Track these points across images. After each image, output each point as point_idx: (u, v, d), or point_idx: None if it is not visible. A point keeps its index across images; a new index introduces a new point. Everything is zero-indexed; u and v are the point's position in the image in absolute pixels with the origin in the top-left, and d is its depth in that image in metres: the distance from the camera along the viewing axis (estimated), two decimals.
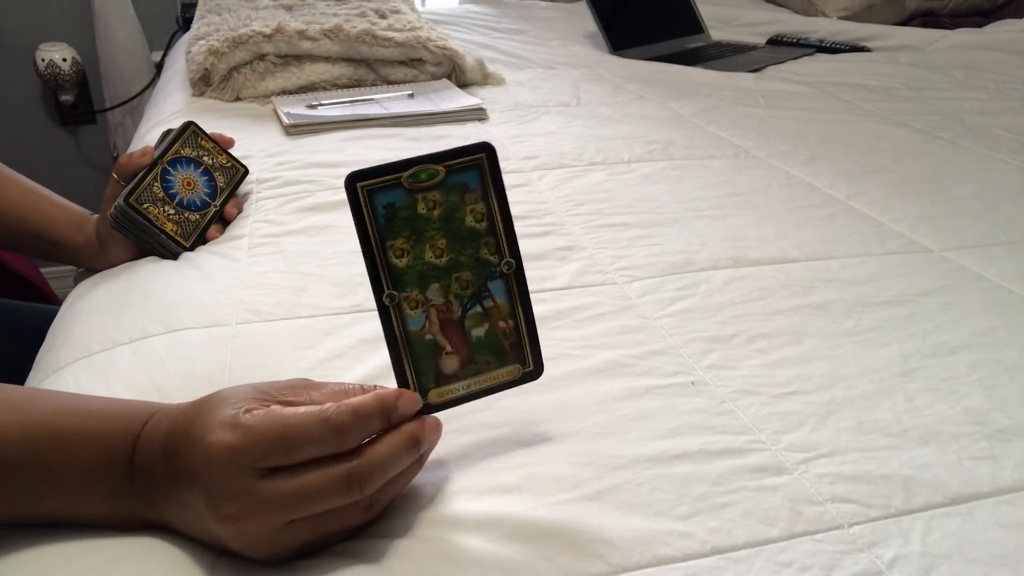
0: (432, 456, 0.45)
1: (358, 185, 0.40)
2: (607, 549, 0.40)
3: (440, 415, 0.43)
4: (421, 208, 0.42)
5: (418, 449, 0.40)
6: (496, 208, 0.43)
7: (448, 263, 0.42)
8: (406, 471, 0.41)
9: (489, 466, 0.45)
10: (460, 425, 0.48)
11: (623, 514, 0.42)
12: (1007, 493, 0.45)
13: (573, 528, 0.41)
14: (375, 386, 0.42)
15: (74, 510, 0.40)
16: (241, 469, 0.36)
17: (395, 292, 0.42)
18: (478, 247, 0.43)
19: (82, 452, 0.40)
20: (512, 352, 0.45)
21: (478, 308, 0.44)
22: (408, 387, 0.42)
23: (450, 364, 0.43)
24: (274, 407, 0.38)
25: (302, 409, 0.38)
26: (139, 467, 0.40)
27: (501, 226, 0.43)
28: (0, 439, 0.39)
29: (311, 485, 0.37)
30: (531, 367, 0.46)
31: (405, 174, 0.41)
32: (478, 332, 0.44)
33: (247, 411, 0.38)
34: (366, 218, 0.41)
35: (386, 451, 0.39)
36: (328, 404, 0.38)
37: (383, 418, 0.39)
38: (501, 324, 0.44)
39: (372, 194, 0.41)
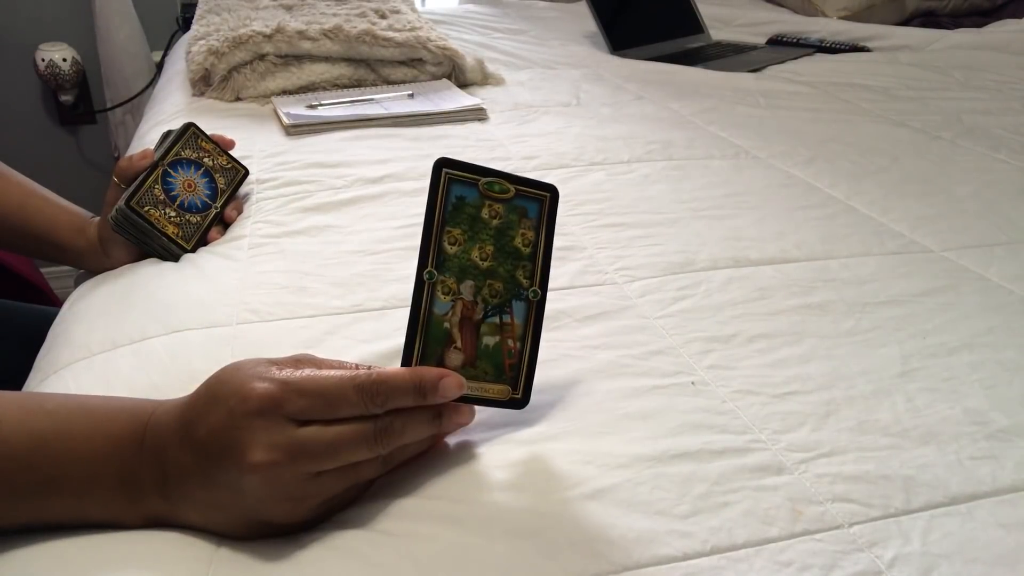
0: (432, 455, 0.46)
1: (444, 170, 0.45)
2: (607, 548, 0.40)
3: None
4: (484, 212, 0.46)
5: (439, 423, 0.43)
6: (543, 242, 0.48)
7: (488, 268, 0.46)
8: (425, 438, 0.44)
9: (489, 464, 0.45)
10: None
11: (623, 513, 0.42)
12: (1007, 493, 0.45)
13: (573, 527, 0.41)
14: (370, 366, 0.43)
15: (78, 506, 0.40)
16: (280, 418, 0.38)
17: (435, 272, 0.44)
18: (516, 267, 0.47)
19: (90, 439, 0.40)
20: (509, 373, 0.47)
21: (496, 319, 0.46)
22: (411, 363, 0.45)
23: (454, 359, 0.45)
24: (306, 368, 0.40)
25: (335, 372, 0.40)
26: (150, 449, 0.40)
27: (541, 259, 0.48)
28: (7, 430, 0.39)
29: (343, 436, 0.39)
30: (519, 395, 0.48)
31: (483, 179, 0.46)
32: (488, 341, 0.46)
33: (281, 368, 0.40)
34: (439, 199, 0.45)
35: (410, 417, 0.42)
36: (360, 372, 0.40)
37: (417, 396, 0.42)
38: (510, 343, 0.47)
39: (451, 182, 0.45)
